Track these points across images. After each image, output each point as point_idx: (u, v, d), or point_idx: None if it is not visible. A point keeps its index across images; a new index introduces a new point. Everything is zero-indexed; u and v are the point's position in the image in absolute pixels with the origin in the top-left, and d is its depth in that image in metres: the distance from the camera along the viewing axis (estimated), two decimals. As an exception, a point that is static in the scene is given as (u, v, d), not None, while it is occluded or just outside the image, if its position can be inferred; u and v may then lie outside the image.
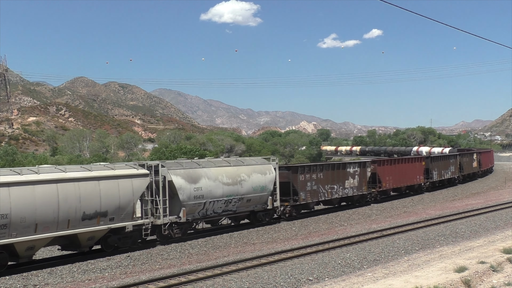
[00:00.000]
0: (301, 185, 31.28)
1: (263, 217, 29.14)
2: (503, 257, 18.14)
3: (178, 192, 24.23)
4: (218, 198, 25.94)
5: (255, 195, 28.05)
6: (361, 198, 37.41)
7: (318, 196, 32.76)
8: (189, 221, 25.11)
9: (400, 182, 42.51)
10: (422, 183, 45.97)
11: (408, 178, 43.68)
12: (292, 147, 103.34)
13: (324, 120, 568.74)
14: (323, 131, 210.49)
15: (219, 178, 26.17)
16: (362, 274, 16.95)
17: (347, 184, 35.48)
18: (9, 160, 52.90)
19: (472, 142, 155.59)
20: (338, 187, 34.60)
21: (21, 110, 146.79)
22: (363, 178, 37.13)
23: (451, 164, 52.60)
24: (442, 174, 50.07)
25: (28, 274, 18.70)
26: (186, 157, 60.47)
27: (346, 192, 35.46)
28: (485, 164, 68.53)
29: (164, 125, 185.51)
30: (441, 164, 50.19)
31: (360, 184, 36.76)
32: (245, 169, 27.94)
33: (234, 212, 27.46)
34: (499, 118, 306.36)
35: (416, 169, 44.86)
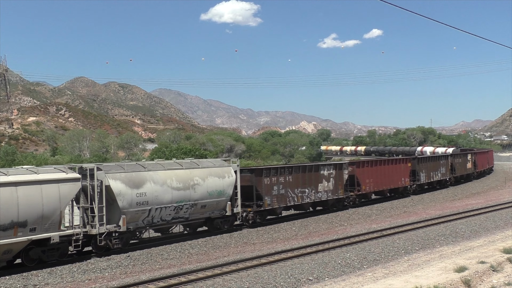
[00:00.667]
0: (266, 189, 28.95)
1: (222, 225, 26.79)
2: (503, 257, 18.15)
3: (117, 198, 21.87)
4: (166, 205, 23.69)
5: (211, 201, 25.81)
6: (337, 203, 34.99)
7: (286, 200, 30.38)
8: (131, 230, 22.76)
9: (383, 185, 40.16)
10: (408, 186, 43.68)
11: (391, 181, 41.31)
12: (292, 147, 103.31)
13: (324, 120, 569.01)
14: (323, 131, 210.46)
15: (167, 182, 23.87)
16: (362, 274, 16.96)
17: (320, 188, 33.04)
18: (9, 160, 52.90)
19: (472, 142, 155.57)
20: (310, 191, 32.20)
21: (21, 110, 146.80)
22: (339, 181, 34.68)
23: (442, 165, 50.54)
24: (431, 176, 47.94)
25: (28, 274, 18.70)
26: (186, 157, 60.53)
27: (320, 196, 32.99)
28: (481, 165, 65.90)
29: (164, 125, 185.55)
30: (429, 165, 47.97)
31: (335, 187, 34.33)
32: (199, 172, 25.65)
33: (186, 220, 25.11)
34: (499, 118, 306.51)
35: (401, 171, 42.51)
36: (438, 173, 49.49)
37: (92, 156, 67.30)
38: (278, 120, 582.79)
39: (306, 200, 32.03)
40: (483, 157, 68.24)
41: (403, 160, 44.28)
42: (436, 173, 49.10)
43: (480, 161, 64.96)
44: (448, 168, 51.49)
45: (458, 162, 55.04)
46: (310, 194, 32.32)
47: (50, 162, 54.54)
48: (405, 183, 43.10)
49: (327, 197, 33.70)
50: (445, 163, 51.22)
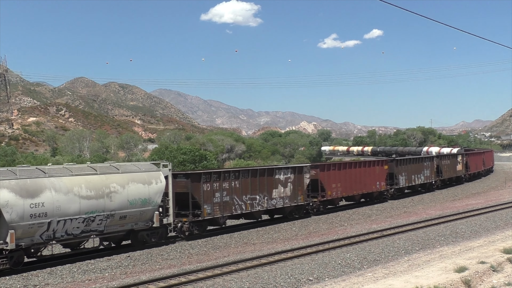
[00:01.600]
0: (206, 196, 25.63)
1: (148, 237, 23.51)
2: (503, 257, 18.15)
3: (3, 210, 18.61)
4: (72, 216, 20.28)
5: (133, 211, 22.47)
6: (297, 210, 31.91)
7: (232, 209, 27.06)
8: (23, 248, 19.41)
9: (353, 190, 36.83)
10: (384, 190, 40.42)
11: (364, 185, 37.98)
12: (292, 147, 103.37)
13: (324, 120, 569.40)
14: (323, 131, 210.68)
15: (74, 190, 20.51)
16: (362, 274, 16.95)
17: (275, 194, 29.73)
18: (9, 160, 52.94)
19: (472, 143, 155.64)
20: (262, 198, 28.83)
21: (21, 111, 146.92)
22: (298, 186, 31.45)
23: (425, 167, 47.27)
24: (412, 180, 44.59)
25: (28, 274, 18.70)
26: (187, 157, 60.51)
27: (274, 203, 29.67)
28: (475, 167, 62.18)
29: (164, 125, 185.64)
30: (410, 168, 44.55)
31: (294, 193, 31.05)
32: (118, 178, 22.28)
33: (101, 233, 21.73)
34: (499, 118, 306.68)
35: (375, 174, 39.18)
36: (421, 176, 46.35)
37: (92, 156, 67.30)
38: (278, 121, 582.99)
39: (257, 208, 28.62)
40: (477, 158, 64.97)
41: (378, 162, 40.77)
42: (419, 176, 45.94)
43: (473, 162, 61.77)
44: (434, 170, 48.61)
45: (446, 164, 52.03)
46: (262, 201, 28.87)
47: (51, 162, 54.54)
48: (381, 187, 39.79)
49: (283, 204, 30.33)
50: (430, 165, 48.13)
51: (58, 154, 76.97)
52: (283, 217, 31.40)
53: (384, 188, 40.13)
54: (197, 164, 60.35)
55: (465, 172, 57.34)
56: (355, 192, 37.19)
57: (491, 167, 77.27)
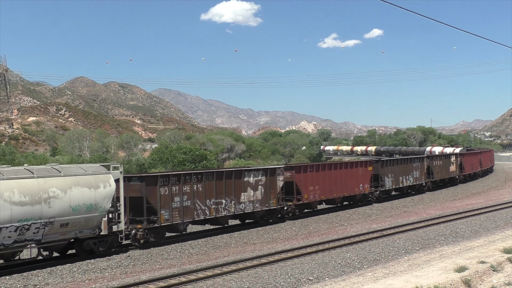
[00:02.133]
0: (163, 201, 23.72)
1: (96, 246, 21.59)
2: (503, 257, 18.15)
3: None
4: (2, 225, 18.44)
5: (76, 217, 20.55)
6: (269, 214, 29.91)
7: (194, 214, 25.18)
8: None
9: (333, 193, 34.94)
10: (368, 193, 38.59)
11: (345, 187, 36.06)
12: (292, 147, 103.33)
13: (324, 120, 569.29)
14: (323, 131, 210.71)
15: (4, 195, 18.63)
16: (362, 274, 16.95)
17: (244, 198, 27.82)
18: (9, 160, 52.93)
19: (472, 142, 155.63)
20: (229, 202, 26.92)
21: (21, 110, 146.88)
22: (271, 189, 29.43)
23: (415, 168, 45.30)
24: (399, 181, 42.65)
25: (28, 274, 18.70)
26: (187, 157, 60.51)
27: (243, 207, 27.75)
28: (470, 168, 59.95)
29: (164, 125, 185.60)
30: (398, 169, 42.53)
31: (266, 196, 29.05)
32: (58, 182, 20.31)
33: (39, 242, 19.76)
34: (499, 118, 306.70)
35: (358, 176, 37.28)
36: (410, 178, 44.33)
37: (92, 156, 67.31)
38: (278, 120, 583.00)
39: (223, 212, 26.77)
40: (472, 158, 62.59)
41: (361, 164, 38.84)
42: (407, 177, 43.93)
43: (469, 163, 59.65)
44: (424, 171, 46.84)
45: (438, 164, 50.07)
46: (229, 205, 26.98)
47: (51, 162, 54.54)
48: (365, 189, 37.84)
49: (253, 208, 28.41)
50: (420, 166, 46.20)
51: (58, 153, 76.96)
52: (255, 222, 29.50)
53: (368, 191, 38.22)
54: (197, 163, 60.34)
55: (459, 173, 55.82)
56: (335, 195, 35.21)
57: (490, 167, 75.51)
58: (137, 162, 64.50)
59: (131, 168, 61.29)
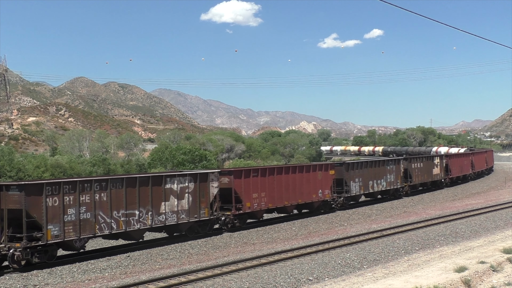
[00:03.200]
0: (52, 214, 20.24)
1: None
2: (503, 257, 18.16)
3: None
4: None
5: None
6: (200, 226, 26.17)
7: (95, 228, 21.60)
8: None
9: (284, 200, 31.00)
10: (329, 199, 34.87)
11: (301, 194, 32.18)
12: (292, 147, 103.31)
13: (324, 120, 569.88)
14: (323, 131, 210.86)
15: None
16: (362, 274, 16.95)
17: (166, 208, 24.08)
18: (8, 160, 52.86)
19: (472, 142, 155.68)
20: (144, 213, 23.21)
21: (21, 110, 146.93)
22: (201, 197, 25.81)
23: (389, 172, 41.44)
24: (369, 186, 38.89)
25: (28, 274, 18.71)
26: (186, 157, 60.54)
27: (163, 219, 24.01)
28: (459, 171, 56.04)
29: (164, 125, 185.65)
30: (367, 173, 38.65)
31: (194, 206, 25.39)
32: None
33: None
34: (499, 118, 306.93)
35: (316, 181, 33.47)
36: (383, 182, 40.48)
37: (92, 156, 67.30)
38: (278, 120, 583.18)
39: (136, 225, 23.03)
40: (462, 160, 58.47)
41: (321, 167, 34.64)
42: (379, 181, 40.10)
43: (457, 165, 55.73)
44: (400, 175, 43.03)
45: (417, 167, 46.41)
46: (144, 217, 23.25)
47: (50, 162, 54.54)
48: (325, 196, 34.15)
49: (177, 220, 24.61)
50: (395, 169, 42.23)
51: (57, 154, 76.95)
52: (183, 235, 25.85)
53: (329, 197, 34.61)
54: (196, 164, 60.35)
55: (446, 175, 52.44)
56: (286, 203, 31.21)
57: (487, 168, 72.04)
58: (137, 162, 64.49)
59: (131, 168, 61.29)
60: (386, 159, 43.84)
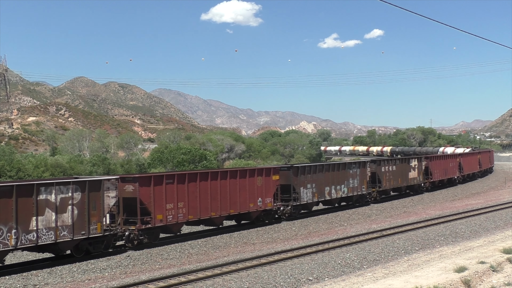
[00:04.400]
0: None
1: None
2: (503, 257, 18.16)
3: None
4: None
5: None
6: (92, 244, 21.88)
7: None
8: None
9: (210, 211, 26.35)
10: (274, 208, 30.37)
11: (234, 203, 27.64)
12: (292, 147, 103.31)
13: (324, 120, 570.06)
14: (323, 131, 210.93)
15: None
16: (362, 274, 16.96)
17: (38, 224, 19.80)
18: (8, 160, 52.87)
19: (472, 142, 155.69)
20: (5, 231, 18.89)
21: (21, 110, 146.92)
22: (92, 209, 21.65)
23: (352, 176, 36.89)
24: (325, 193, 34.14)
25: (28, 274, 18.71)
26: (186, 157, 60.54)
27: (34, 237, 19.61)
28: (442, 174, 51.45)
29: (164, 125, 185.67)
30: (323, 178, 34.01)
31: (82, 221, 21.20)
32: None
33: None
34: (499, 118, 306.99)
35: (255, 188, 28.95)
36: (343, 188, 35.90)
37: (92, 156, 67.30)
38: (278, 120, 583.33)
39: None
40: (446, 162, 53.55)
41: (261, 172, 29.77)
42: (339, 187, 35.48)
43: (440, 168, 51.26)
44: (366, 179, 38.52)
45: (388, 170, 41.70)
46: (5, 236, 18.91)
47: (50, 162, 54.54)
48: (266, 205, 29.67)
49: (56, 238, 20.33)
50: (359, 173, 37.69)
51: (57, 153, 76.95)
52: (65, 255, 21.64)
53: (271, 206, 29.90)
54: (196, 164, 60.37)
55: (426, 179, 47.88)
56: (213, 214, 26.67)
57: (481, 171, 66.50)
58: (137, 162, 64.50)
59: (131, 168, 61.30)
60: (349, 162, 39.01)
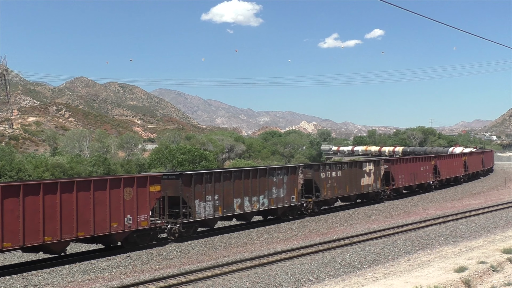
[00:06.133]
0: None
1: None
2: (503, 257, 18.15)
3: None
4: None
5: None
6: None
7: None
8: None
9: (45, 234, 19.66)
10: (155, 227, 23.69)
11: (85, 223, 20.91)
12: (292, 147, 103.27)
13: (324, 120, 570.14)
14: (323, 131, 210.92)
15: None
16: (362, 274, 16.95)
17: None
18: (8, 160, 52.85)
19: (472, 142, 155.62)
20: None
21: (21, 110, 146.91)
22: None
23: (276, 184, 29.82)
24: (236, 206, 27.30)
25: (28, 274, 18.70)
26: (186, 157, 60.51)
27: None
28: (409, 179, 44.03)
29: (164, 125, 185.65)
30: (231, 188, 27.10)
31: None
32: None
33: None
34: (499, 118, 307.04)
35: (120, 203, 22.17)
36: (263, 199, 29.00)
37: (92, 157, 67.28)
38: (278, 120, 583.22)
39: None
40: (413, 166, 45.20)
41: (131, 182, 22.82)
42: (257, 198, 28.59)
43: (406, 172, 43.59)
44: (298, 187, 31.56)
45: (331, 177, 34.42)
46: None
47: (50, 162, 54.54)
48: (140, 223, 22.92)
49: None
50: (287, 180, 30.72)
51: (58, 154, 76.94)
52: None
53: (146, 225, 23.11)
54: (196, 164, 60.35)
55: (381, 186, 39.96)
56: (48, 239, 19.79)
57: (466, 174, 58.12)
58: (137, 162, 64.47)
59: (131, 168, 61.29)
60: (271, 168, 30.98)
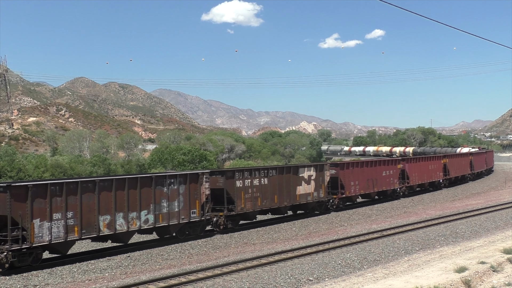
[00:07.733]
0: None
1: None
2: (503, 257, 18.15)
3: None
4: None
5: None
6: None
7: None
8: None
9: None
10: None
11: None
12: (292, 147, 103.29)
13: (324, 120, 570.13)
14: (323, 132, 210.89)
15: None
16: (362, 274, 16.95)
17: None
18: (9, 160, 52.89)
19: (472, 143, 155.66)
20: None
21: (21, 111, 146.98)
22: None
23: (168, 196, 23.64)
24: (102, 225, 21.03)
25: (28, 274, 18.70)
26: (186, 157, 60.51)
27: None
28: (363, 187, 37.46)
29: (164, 125, 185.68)
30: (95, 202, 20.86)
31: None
32: None
33: None
34: (499, 118, 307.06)
35: None
36: (147, 215, 22.78)
37: (92, 157, 67.28)
38: (278, 121, 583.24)
39: None
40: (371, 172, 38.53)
41: None
42: (137, 215, 22.39)
43: (361, 178, 37.20)
44: (201, 200, 25.25)
45: (250, 185, 28.25)
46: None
47: (50, 162, 54.56)
48: None
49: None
50: (183, 191, 24.45)
51: (58, 154, 76.94)
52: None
53: None
54: (196, 164, 60.34)
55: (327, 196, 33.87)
56: None
57: (447, 178, 51.65)
58: (137, 163, 64.49)
59: (131, 168, 61.30)
60: (158, 175, 24.38)
